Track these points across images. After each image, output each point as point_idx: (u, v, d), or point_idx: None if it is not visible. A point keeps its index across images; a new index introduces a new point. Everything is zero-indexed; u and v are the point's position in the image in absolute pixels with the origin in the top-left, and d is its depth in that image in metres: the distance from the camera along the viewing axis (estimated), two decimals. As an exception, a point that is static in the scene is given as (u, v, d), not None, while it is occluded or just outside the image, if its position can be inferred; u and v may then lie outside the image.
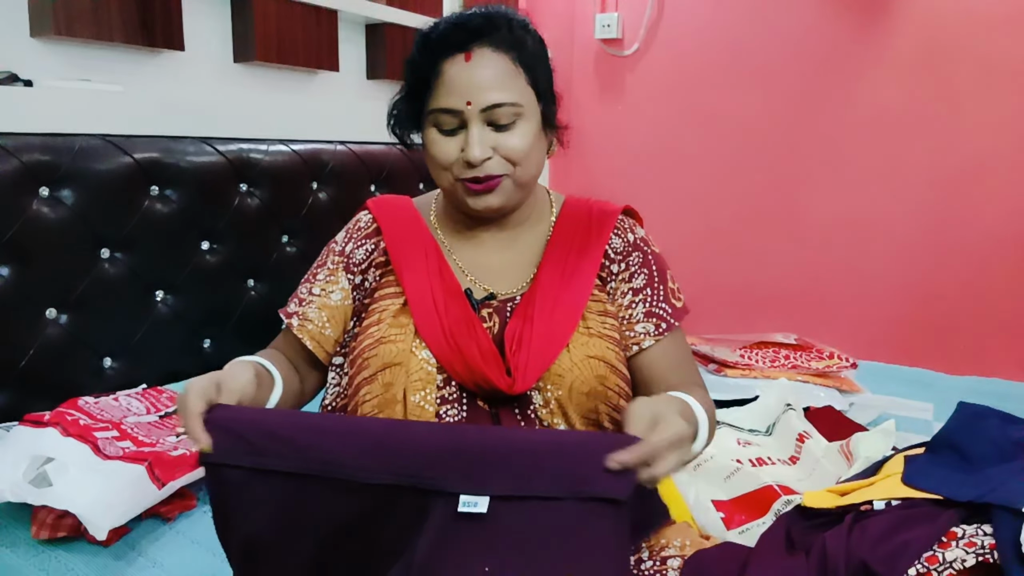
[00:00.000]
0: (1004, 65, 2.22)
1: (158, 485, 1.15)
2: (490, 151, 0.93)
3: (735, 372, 1.88)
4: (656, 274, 1.04)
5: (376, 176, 2.23)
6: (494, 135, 0.94)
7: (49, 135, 1.52)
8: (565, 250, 1.02)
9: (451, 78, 0.93)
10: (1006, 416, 1.03)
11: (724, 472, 1.29)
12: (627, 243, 1.05)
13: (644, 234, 1.08)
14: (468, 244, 1.05)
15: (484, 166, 0.94)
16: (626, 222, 1.08)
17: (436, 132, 0.96)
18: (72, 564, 1.09)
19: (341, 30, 2.22)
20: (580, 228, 1.04)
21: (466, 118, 0.93)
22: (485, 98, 0.93)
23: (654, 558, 0.89)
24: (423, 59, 0.95)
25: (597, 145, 2.90)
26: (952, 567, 0.79)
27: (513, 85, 0.94)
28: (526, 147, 0.95)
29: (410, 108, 1.00)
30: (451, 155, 0.95)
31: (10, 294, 1.45)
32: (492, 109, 0.93)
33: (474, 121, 0.93)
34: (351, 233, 1.08)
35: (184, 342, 1.77)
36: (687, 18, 2.74)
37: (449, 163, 0.95)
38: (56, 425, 1.20)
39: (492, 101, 0.93)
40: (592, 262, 1.02)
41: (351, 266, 1.04)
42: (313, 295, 1.05)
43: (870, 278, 2.51)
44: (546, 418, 0.94)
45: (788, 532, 0.94)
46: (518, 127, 0.95)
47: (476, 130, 0.93)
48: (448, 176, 0.97)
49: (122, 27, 1.67)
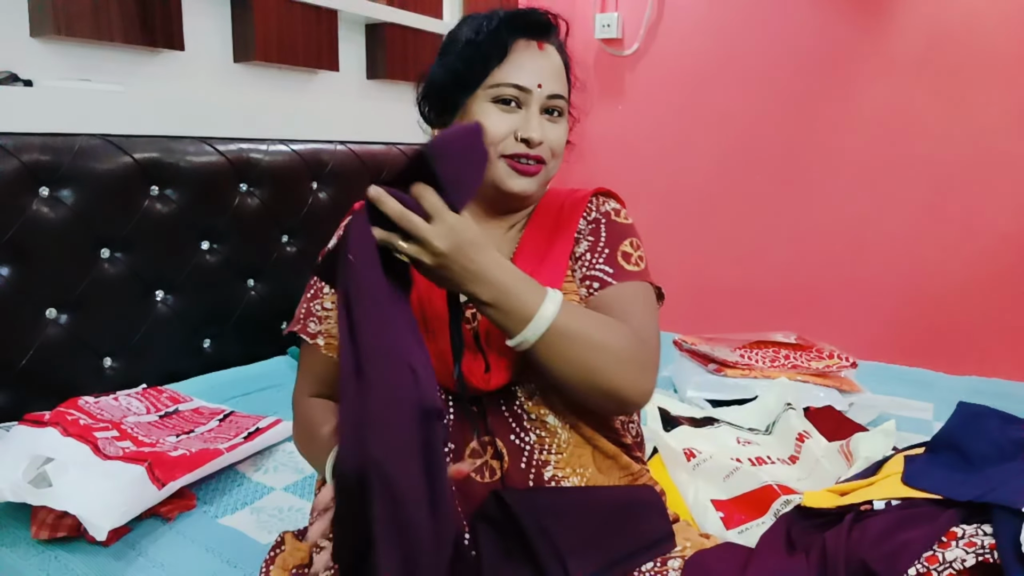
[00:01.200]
0: (1004, 65, 2.22)
1: (158, 485, 1.15)
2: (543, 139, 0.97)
3: (735, 372, 1.87)
4: (605, 239, 1.01)
5: (376, 176, 2.22)
6: (546, 124, 0.98)
7: (49, 135, 1.52)
8: (538, 238, 1.03)
9: (525, 59, 0.97)
10: (1006, 416, 1.03)
11: (723, 471, 1.29)
12: (588, 221, 1.04)
13: (613, 207, 1.06)
14: None
15: (536, 148, 0.97)
16: (595, 201, 1.07)
17: (492, 105, 0.96)
18: (72, 564, 1.09)
19: (341, 30, 2.22)
20: (552, 215, 1.05)
21: (529, 100, 0.97)
22: (552, 86, 0.98)
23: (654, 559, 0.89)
24: (498, 34, 0.97)
25: (597, 145, 2.90)
26: (952, 567, 0.78)
27: (565, 85, 1.01)
28: (563, 142, 1.01)
29: (464, 79, 0.97)
30: (504, 130, 0.96)
31: (10, 294, 1.46)
32: (554, 98, 0.98)
33: (535, 104, 0.97)
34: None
35: (184, 342, 1.77)
36: (687, 18, 2.74)
37: (500, 138, 0.96)
38: (56, 425, 1.20)
39: (557, 91, 0.98)
40: (564, 246, 1.01)
41: None
42: (327, 310, 1.04)
43: (870, 278, 2.51)
44: (532, 410, 0.94)
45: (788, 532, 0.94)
46: (561, 123, 1.00)
47: (536, 113, 0.97)
48: (492, 152, 0.96)
49: (122, 27, 1.67)
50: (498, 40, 0.97)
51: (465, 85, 0.98)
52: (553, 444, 0.94)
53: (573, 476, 0.93)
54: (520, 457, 0.93)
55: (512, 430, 0.93)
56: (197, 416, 1.49)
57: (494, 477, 0.92)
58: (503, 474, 0.92)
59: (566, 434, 0.94)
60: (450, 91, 0.99)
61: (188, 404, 1.55)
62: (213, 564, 1.10)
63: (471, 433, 0.93)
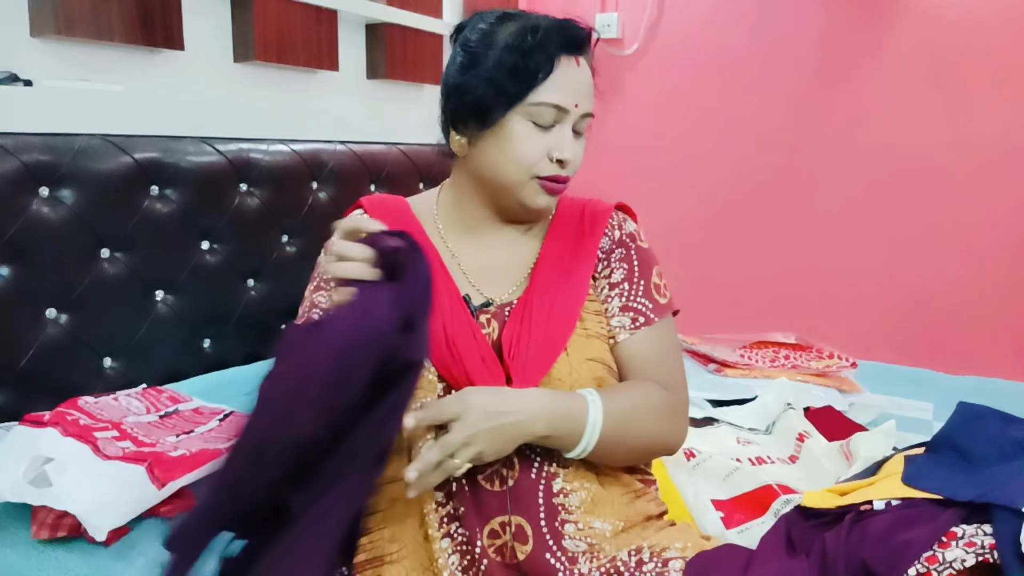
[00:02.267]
0: (1005, 65, 2.22)
1: (158, 485, 1.15)
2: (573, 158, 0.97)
3: (735, 372, 1.88)
4: (637, 269, 1.04)
5: (376, 176, 2.23)
6: (575, 143, 0.97)
7: (49, 135, 1.52)
8: (560, 251, 1.02)
9: (568, 77, 0.94)
10: (1006, 416, 1.03)
11: (724, 471, 1.29)
12: (613, 240, 1.05)
13: (634, 229, 1.08)
14: (473, 245, 1.04)
15: (567, 167, 0.96)
16: (616, 218, 1.07)
17: (531, 126, 0.94)
18: (72, 564, 1.09)
19: (341, 30, 2.22)
20: (573, 228, 1.05)
21: (564, 119, 0.95)
22: (586, 105, 0.96)
23: (655, 560, 0.89)
24: (545, 48, 0.93)
25: (597, 145, 2.88)
26: (952, 567, 0.79)
27: (593, 102, 0.99)
28: (582, 157, 1.00)
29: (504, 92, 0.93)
30: (539, 151, 0.94)
31: (10, 294, 1.46)
32: (586, 118, 0.98)
33: (568, 123, 0.95)
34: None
35: (184, 342, 1.77)
36: (687, 18, 2.74)
37: (533, 160, 0.94)
38: (56, 425, 1.20)
39: (589, 109, 0.97)
40: (587, 262, 1.02)
41: None
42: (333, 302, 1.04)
43: (870, 278, 2.51)
44: None
45: (788, 532, 0.94)
46: (584, 140, 1.00)
47: (570, 132, 0.96)
48: (524, 172, 0.95)
49: (122, 27, 1.67)
50: (546, 55, 0.93)
51: (507, 100, 0.93)
52: (560, 457, 0.93)
53: (581, 491, 0.93)
54: (530, 468, 0.93)
55: None
56: (197, 416, 1.49)
57: (504, 485, 0.91)
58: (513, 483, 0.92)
59: None
60: (489, 103, 0.94)
61: (188, 404, 1.55)
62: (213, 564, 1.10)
63: None
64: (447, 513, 0.92)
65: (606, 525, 0.93)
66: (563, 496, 0.92)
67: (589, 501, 0.93)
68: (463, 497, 0.91)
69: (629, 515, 0.96)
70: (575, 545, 0.90)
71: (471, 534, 0.90)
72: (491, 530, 0.90)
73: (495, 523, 0.90)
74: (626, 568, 0.89)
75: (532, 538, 0.90)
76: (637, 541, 0.92)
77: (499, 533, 0.90)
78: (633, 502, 0.98)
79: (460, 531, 0.91)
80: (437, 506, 0.92)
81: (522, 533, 0.90)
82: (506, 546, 0.90)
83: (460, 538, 0.91)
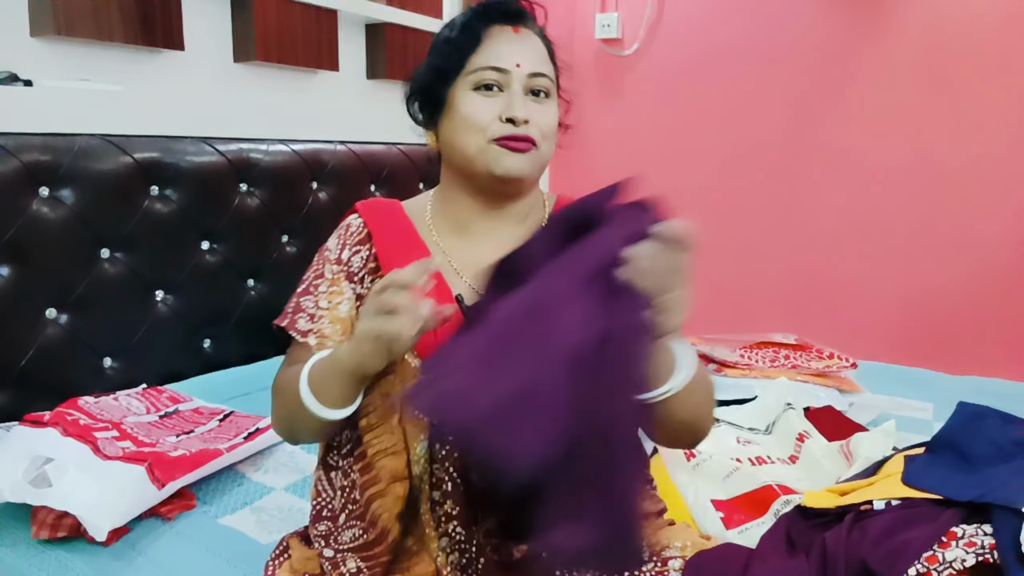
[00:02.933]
0: (1004, 65, 2.22)
1: (158, 485, 1.15)
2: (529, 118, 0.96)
3: (735, 372, 1.88)
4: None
5: (376, 176, 2.23)
6: (531, 104, 0.97)
7: (49, 135, 1.52)
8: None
9: (501, 42, 0.97)
10: (1006, 416, 1.04)
11: (723, 471, 1.29)
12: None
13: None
14: (464, 243, 1.04)
15: (523, 127, 0.96)
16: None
17: (474, 93, 0.96)
18: (72, 564, 1.09)
19: (341, 30, 2.22)
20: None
21: (510, 81, 0.96)
22: (532, 64, 0.97)
23: (655, 559, 0.89)
24: (471, 23, 0.98)
25: (597, 145, 2.90)
26: (952, 567, 0.79)
27: (549, 67, 1.00)
28: (554, 124, 1.00)
29: (445, 71, 0.98)
30: (488, 115, 0.95)
31: (10, 294, 1.46)
32: (536, 76, 0.97)
33: (516, 84, 0.96)
34: (344, 239, 1.05)
35: (184, 342, 1.77)
36: (687, 18, 2.74)
37: (485, 123, 0.95)
38: (56, 425, 1.20)
39: (539, 69, 0.97)
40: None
41: (351, 275, 1.02)
42: (321, 308, 1.02)
43: (870, 278, 2.51)
44: None
45: (788, 532, 0.94)
46: (549, 105, 0.99)
47: (519, 93, 0.96)
48: (480, 139, 0.96)
49: (122, 27, 1.67)
50: (471, 28, 0.97)
51: (445, 78, 0.98)
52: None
53: None
54: None
55: None
56: (197, 416, 1.49)
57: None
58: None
59: None
60: (432, 87, 0.99)
61: (188, 404, 1.55)
62: (213, 564, 1.10)
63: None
64: (444, 512, 0.92)
65: None
66: None
67: None
68: (457, 496, 0.91)
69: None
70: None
71: (467, 532, 0.90)
72: (487, 529, 0.90)
73: (491, 522, 0.90)
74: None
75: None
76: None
77: (494, 532, 0.90)
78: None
79: (457, 530, 0.91)
80: (434, 505, 0.92)
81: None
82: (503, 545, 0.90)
83: (457, 536, 0.91)
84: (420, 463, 0.91)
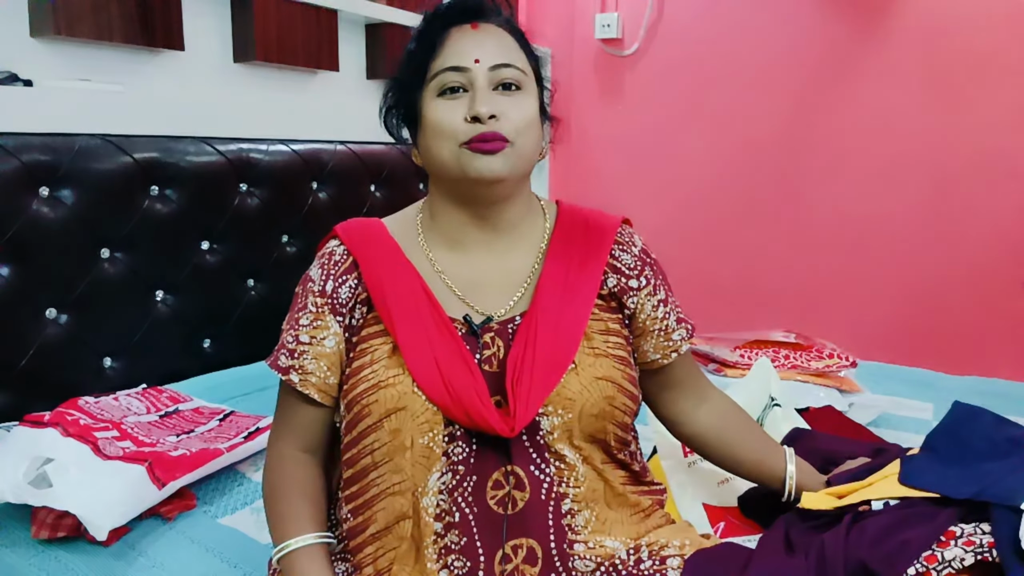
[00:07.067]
0: (1004, 65, 2.22)
1: (158, 485, 1.16)
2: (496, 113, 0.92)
3: (734, 372, 1.88)
4: (663, 282, 1.04)
5: (376, 176, 2.23)
6: (500, 98, 0.92)
7: (49, 135, 1.52)
8: (564, 266, 0.98)
9: (458, 40, 0.94)
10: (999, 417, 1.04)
11: (718, 476, 1.28)
12: (635, 256, 1.02)
13: (644, 243, 1.06)
14: (459, 258, 0.99)
15: (491, 123, 0.91)
16: (624, 233, 1.04)
17: (439, 99, 0.93)
18: (72, 564, 1.09)
19: (341, 30, 2.22)
20: (577, 241, 1.00)
21: (472, 78, 0.92)
22: (493, 57, 0.93)
23: (653, 558, 0.89)
24: (430, 27, 0.96)
25: (597, 145, 2.90)
26: (951, 566, 0.78)
27: (517, 56, 0.96)
28: (528, 118, 0.94)
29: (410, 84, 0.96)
30: (455, 120, 0.91)
31: (10, 294, 1.46)
32: (500, 68, 0.93)
33: (480, 80, 0.92)
34: (327, 269, 0.98)
35: (184, 342, 1.77)
36: (687, 18, 2.74)
37: (453, 128, 0.91)
38: (56, 425, 1.20)
39: (501, 60, 0.93)
40: (593, 278, 0.98)
41: (337, 307, 0.96)
42: (302, 343, 0.97)
43: (870, 278, 2.51)
44: (553, 443, 0.92)
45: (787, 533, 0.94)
46: (521, 98, 0.94)
47: (483, 88, 0.92)
48: (450, 145, 0.92)
49: (122, 27, 1.68)
50: (427, 34, 0.95)
51: (410, 88, 0.95)
52: (571, 478, 0.92)
53: (586, 510, 0.92)
54: (540, 488, 0.91)
55: (532, 461, 0.91)
56: (197, 416, 1.49)
57: (515, 508, 0.90)
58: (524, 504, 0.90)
59: (583, 468, 0.93)
60: (404, 99, 0.97)
61: (188, 404, 1.55)
62: (213, 564, 1.10)
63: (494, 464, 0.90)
64: (444, 545, 0.90)
65: (618, 544, 0.92)
66: (570, 517, 0.91)
67: (595, 520, 0.92)
68: (466, 526, 0.89)
69: (640, 532, 0.95)
70: (584, 565, 0.90)
71: (472, 563, 0.88)
72: (504, 555, 0.88)
73: (507, 547, 0.89)
74: (624, 566, 0.89)
75: (541, 560, 0.89)
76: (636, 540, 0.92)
77: (511, 557, 0.88)
78: (644, 520, 0.98)
79: (459, 562, 0.89)
80: (436, 537, 0.90)
81: (532, 555, 0.88)
82: (517, 569, 0.88)
83: (457, 571, 0.89)
84: (429, 494, 0.90)
